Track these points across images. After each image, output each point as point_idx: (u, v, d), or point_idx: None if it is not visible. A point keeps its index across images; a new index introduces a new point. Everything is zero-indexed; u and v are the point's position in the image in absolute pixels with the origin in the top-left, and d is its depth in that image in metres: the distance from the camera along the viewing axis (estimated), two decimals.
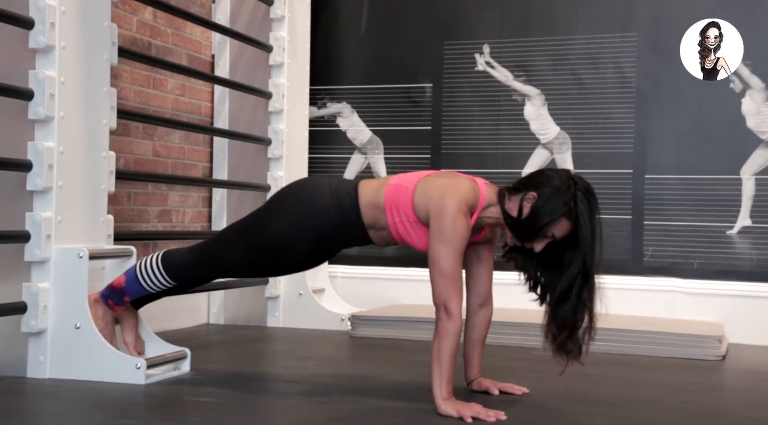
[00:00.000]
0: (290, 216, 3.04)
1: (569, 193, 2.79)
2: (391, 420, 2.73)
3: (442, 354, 2.79)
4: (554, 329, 2.86)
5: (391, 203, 2.96)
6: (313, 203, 3.02)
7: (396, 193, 2.96)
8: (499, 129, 5.20)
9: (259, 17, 5.14)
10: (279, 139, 4.96)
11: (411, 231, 2.96)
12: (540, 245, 2.85)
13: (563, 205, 2.78)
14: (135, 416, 2.75)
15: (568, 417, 2.87)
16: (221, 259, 3.19)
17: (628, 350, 4.14)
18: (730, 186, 4.79)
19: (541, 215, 2.80)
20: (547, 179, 2.85)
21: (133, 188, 4.45)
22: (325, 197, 3.02)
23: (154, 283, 3.23)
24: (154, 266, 3.23)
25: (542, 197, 2.81)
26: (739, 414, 2.97)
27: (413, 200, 2.93)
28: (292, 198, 3.08)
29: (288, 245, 3.08)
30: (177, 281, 3.26)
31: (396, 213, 2.96)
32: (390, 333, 4.54)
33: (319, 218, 3.01)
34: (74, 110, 3.31)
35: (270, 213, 3.10)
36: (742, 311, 4.67)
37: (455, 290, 2.81)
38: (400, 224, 2.96)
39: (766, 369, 3.92)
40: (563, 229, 2.81)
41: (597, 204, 2.82)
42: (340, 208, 3.01)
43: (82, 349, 3.20)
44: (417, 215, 2.92)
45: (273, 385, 3.32)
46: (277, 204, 3.12)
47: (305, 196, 3.05)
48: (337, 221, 3.02)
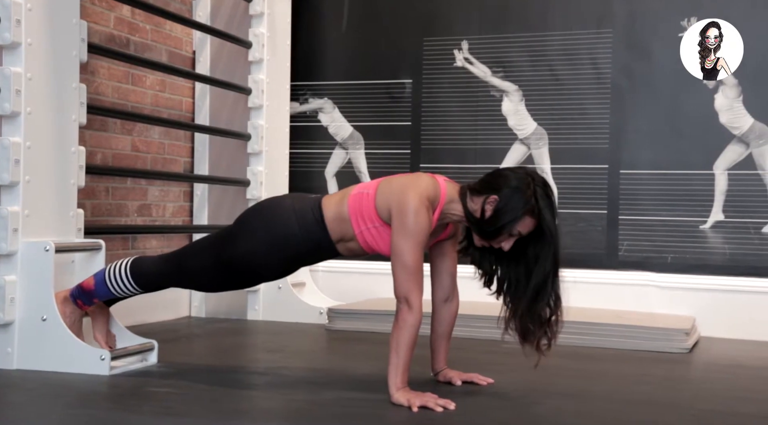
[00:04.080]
0: (259, 239, 3.07)
1: (529, 190, 2.85)
2: (341, 411, 2.78)
3: (400, 345, 2.84)
4: (530, 324, 2.92)
5: (355, 212, 3.00)
6: (280, 227, 3.05)
7: (359, 201, 3.00)
8: (477, 125, 5.25)
9: (239, 14, 5.20)
10: (258, 134, 5.01)
11: (378, 237, 2.99)
12: (508, 243, 2.91)
13: (525, 203, 2.85)
14: (92, 406, 2.81)
15: (521, 407, 2.92)
16: (190, 273, 3.24)
17: (597, 343, 4.19)
18: (703, 181, 4.83)
19: (504, 214, 2.85)
20: (506, 180, 2.90)
21: (111, 183, 4.51)
22: (291, 220, 3.04)
23: (121, 289, 3.29)
24: (122, 272, 3.27)
25: (503, 199, 2.86)
26: (686, 405, 3.02)
27: (376, 203, 2.97)
28: (259, 221, 3.09)
29: (256, 266, 3.11)
30: (144, 288, 3.31)
31: (362, 221, 2.99)
32: (366, 326, 4.58)
33: (287, 240, 3.04)
34: (41, 105, 3.36)
35: (239, 234, 3.12)
36: (714, 304, 4.71)
37: (416, 284, 2.86)
38: (366, 231, 3.00)
39: (728, 362, 3.96)
40: (527, 226, 2.87)
41: (554, 197, 2.90)
42: (306, 229, 3.03)
43: (49, 341, 3.26)
44: (381, 217, 2.96)
45: (236, 377, 3.37)
46: (245, 225, 3.13)
47: (270, 220, 3.07)
48: (305, 242, 3.05)
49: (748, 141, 4.77)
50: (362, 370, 3.47)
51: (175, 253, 3.32)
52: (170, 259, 3.28)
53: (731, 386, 3.39)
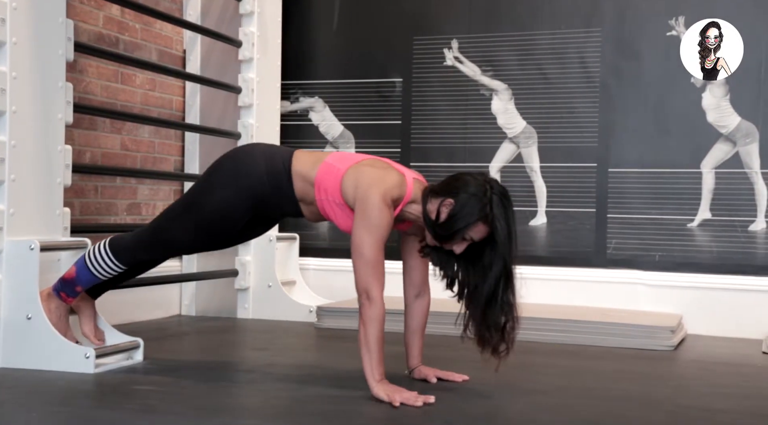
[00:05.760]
0: (227, 184, 3.14)
1: (485, 198, 2.88)
2: (321, 407, 2.80)
3: (369, 340, 2.87)
4: (485, 331, 2.96)
5: (321, 181, 3.06)
6: (248, 170, 3.12)
7: (328, 172, 3.05)
8: (467, 123, 5.27)
9: (230, 13, 5.21)
10: (249, 133, 5.03)
11: (337, 211, 3.07)
12: (459, 247, 2.94)
13: (479, 210, 2.88)
14: (73, 403, 2.82)
15: (495, 403, 2.94)
16: (167, 236, 3.28)
17: (582, 340, 4.21)
18: (690, 180, 4.85)
19: (458, 219, 2.89)
20: (464, 185, 2.93)
21: (100, 182, 4.53)
22: (260, 163, 3.12)
23: (104, 269, 3.30)
24: (102, 251, 3.30)
25: (459, 203, 2.89)
26: (662, 400, 3.04)
27: (342, 184, 3.02)
28: (227, 167, 3.17)
29: (228, 213, 3.16)
30: (126, 264, 3.33)
31: (324, 192, 3.06)
32: (354, 324, 4.46)
33: (253, 183, 3.11)
34: (27, 104, 3.38)
35: (208, 184, 3.19)
36: (701, 302, 4.74)
37: (376, 277, 2.89)
38: (326, 202, 3.07)
39: (711, 359, 3.98)
40: (480, 232, 2.91)
41: (512, 206, 2.92)
42: (273, 174, 3.11)
43: (34, 339, 3.28)
44: (344, 198, 3.02)
45: (220, 374, 3.38)
46: (214, 174, 3.20)
47: (240, 164, 3.15)
48: (271, 187, 3.12)
49: (735, 140, 4.79)
50: (346, 367, 3.49)
51: (150, 222, 3.39)
52: (146, 228, 3.34)
53: (710, 382, 3.41)
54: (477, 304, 2.95)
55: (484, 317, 2.94)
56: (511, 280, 2.92)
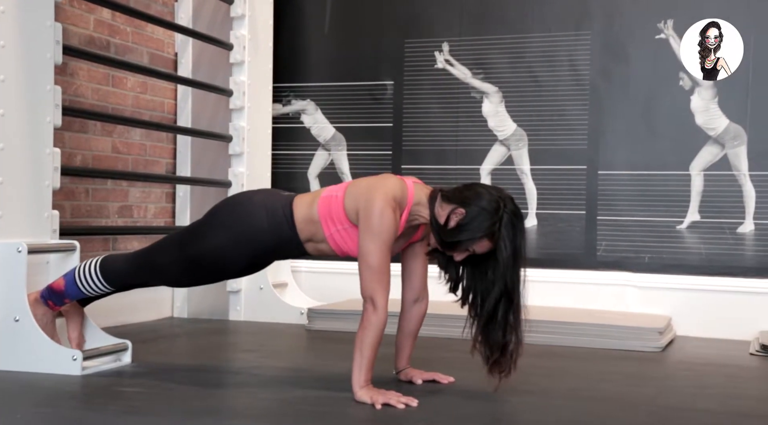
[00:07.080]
0: (226, 233, 3.10)
1: (496, 216, 2.86)
2: (306, 408, 2.81)
3: (364, 345, 2.87)
4: (487, 349, 2.95)
5: (325, 215, 3.03)
6: (249, 222, 3.08)
7: (328, 204, 3.03)
8: (458, 126, 5.28)
9: (221, 16, 5.23)
10: (240, 136, 5.04)
11: (348, 239, 3.02)
12: (460, 256, 2.94)
13: (487, 227, 2.86)
14: (58, 405, 2.83)
15: (482, 404, 2.95)
16: (158, 268, 3.26)
17: (569, 342, 4.22)
18: (679, 182, 4.87)
19: (465, 231, 2.88)
20: (478, 197, 2.90)
21: (91, 185, 4.54)
22: (261, 216, 3.08)
23: (92, 288, 3.31)
24: (92, 271, 3.30)
25: (469, 215, 2.88)
26: (645, 401, 3.06)
27: (344, 205, 3.00)
28: (228, 215, 3.14)
29: (224, 260, 3.15)
30: (114, 286, 3.34)
31: (331, 223, 3.03)
32: (344, 326, 4.60)
33: (255, 236, 3.08)
34: (15, 107, 3.39)
35: (207, 227, 3.16)
36: (690, 304, 4.75)
37: (381, 284, 2.88)
38: (336, 233, 3.03)
39: (698, 360, 3.99)
40: (483, 247, 2.90)
41: (523, 227, 2.90)
42: (275, 226, 3.07)
43: (22, 341, 3.29)
44: (350, 218, 2.99)
45: (208, 376, 3.40)
46: (214, 219, 3.17)
47: (242, 214, 3.11)
48: (273, 239, 3.08)
49: (723, 142, 4.81)
50: (334, 369, 3.50)
51: (144, 249, 3.36)
52: (139, 255, 3.32)
53: (694, 383, 3.43)
54: (479, 318, 2.95)
55: (486, 334, 2.94)
56: (515, 302, 2.90)
